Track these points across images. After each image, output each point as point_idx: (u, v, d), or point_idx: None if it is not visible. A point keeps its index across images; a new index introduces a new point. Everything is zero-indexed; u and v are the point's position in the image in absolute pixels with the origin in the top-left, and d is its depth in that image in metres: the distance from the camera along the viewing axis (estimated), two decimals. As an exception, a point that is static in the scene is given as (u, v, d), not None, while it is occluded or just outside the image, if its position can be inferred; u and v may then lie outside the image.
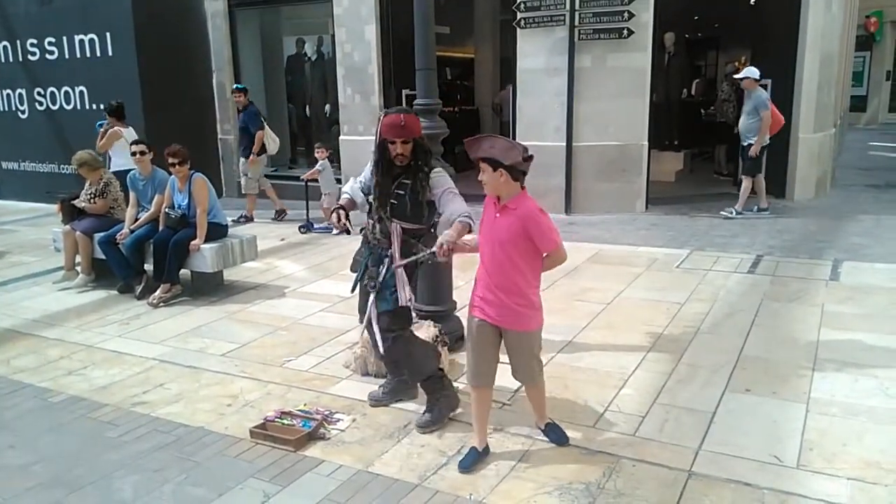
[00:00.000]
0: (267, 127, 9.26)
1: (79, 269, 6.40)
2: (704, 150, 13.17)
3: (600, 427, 3.58)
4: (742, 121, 8.61)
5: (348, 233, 3.66)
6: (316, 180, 8.74)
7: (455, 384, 3.99)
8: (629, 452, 3.30)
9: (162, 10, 10.14)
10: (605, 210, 8.98)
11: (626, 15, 8.42)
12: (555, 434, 3.39)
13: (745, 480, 3.03)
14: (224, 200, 9.15)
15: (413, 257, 3.41)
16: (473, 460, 3.22)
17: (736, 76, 8.78)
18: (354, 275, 3.71)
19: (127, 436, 3.62)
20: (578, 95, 8.83)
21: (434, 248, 3.17)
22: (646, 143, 8.99)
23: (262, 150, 9.24)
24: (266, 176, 9.75)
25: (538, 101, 9.07)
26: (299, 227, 8.58)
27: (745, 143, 8.52)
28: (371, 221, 3.58)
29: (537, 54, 8.97)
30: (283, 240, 8.25)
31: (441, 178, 3.50)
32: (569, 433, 3.43)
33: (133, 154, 6.12)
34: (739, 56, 13.63)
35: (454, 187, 3.51)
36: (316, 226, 8.60)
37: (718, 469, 3.14)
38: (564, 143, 8.93)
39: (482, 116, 14.06)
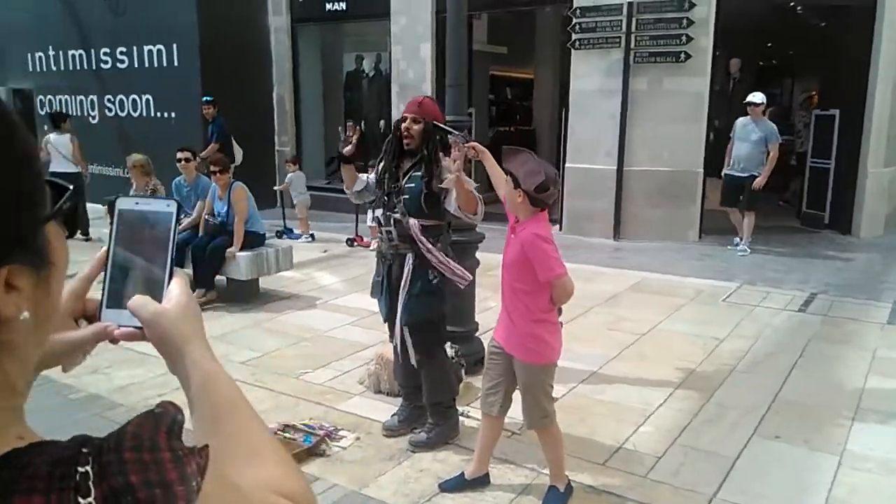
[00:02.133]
0: (233, 139, 9.42)
1: (123, 270, 6.58)
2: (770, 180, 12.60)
3: (611, 465, 3.39)
4: (744, 149, 7.90)
5: (348, 156, 3.57)
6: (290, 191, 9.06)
7: (467, 408, 3.90)
8: (636, 495, 3.12)
9: (227, 23, 10.48)
10: (655, 237, 8.69)
11: (683, 39, 8.19)
12: (550, 501, 3.03)
13: (758, 535, 2.81)
14: (278, 211, 9.34)
15: (445, 129, 3.29)
16: (455, 485, 3.11)
17: (747, 101, 7.95)
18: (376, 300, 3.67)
19: (134, 438, 3.64)
20: (632, 118, 8.62)
21: (468, 137, 3.15)
22: (701, 170, 8.69)
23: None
24: (319, 188, 9.91)
25: (591, 122, 8.90)
26: (276, 233, 8.73)
27: (747, 175, 7.87)
28: (385, 231, 3.49)
29: (591, 75, 8.82)
30: (325, 251, 8.31)
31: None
32: (575, 472, 3.25)
33: (178, 161, 6.27)
34: (815, 85, 13.07)
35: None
36: (295, 232, 8.99)
37: (730, 520, 2.92)
38: (615, 167, 8.73)
39: (538, 137, 13.92)
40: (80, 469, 0.52)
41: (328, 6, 10.91)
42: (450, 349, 4.19)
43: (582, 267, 7.53)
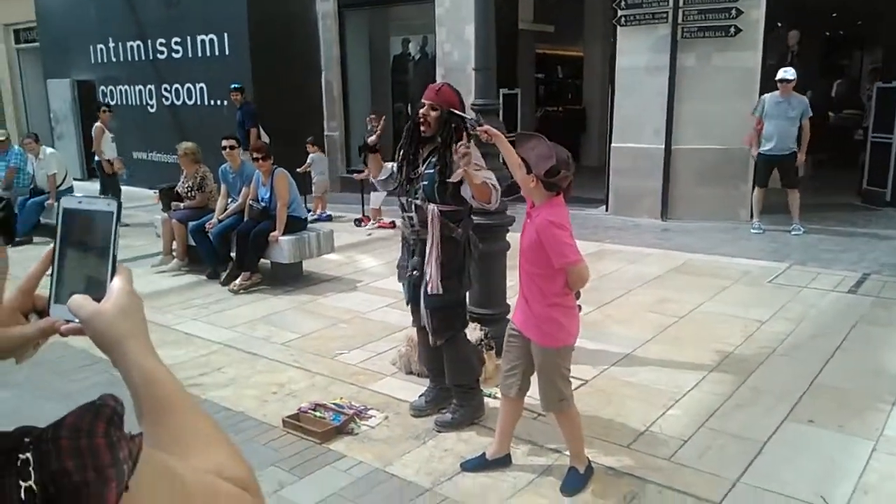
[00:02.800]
0: (259, 125, 9.52)
1: (174, 254, 6.85)
2: (834, 155, 12.08)
3: (635, 448, 3.38)
4: (781, 127, 7.52)
5: (373, 145, 3.67)
6: (310, 172, 9.33)
7: (494, 389, 3.93)
8: (658, 477, 3.11)
9: (275, 10, 10.63)
10: (704, 217, 8.50)
11: (733, 12, 7.92)
12: (569, 482, 3.04)
13: (778, 520, 2.77)
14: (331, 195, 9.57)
15: (460, 115, 3.30)
16: (476, 465, 3.16)
17: (778, 78, 7.46)
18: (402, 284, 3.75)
19: (174, 415, 3.81)
20: (680, 96, 8.42)
21: (480, 120, 3.14)
22: (753, 147, 8.42)
23: None
24: (356, 171, 10.06)
25: (637, 100, 8.73)
26: None
27: (788, 152, 7.57)
28: (407, 216, 3.56)
29: (638, 52, 8.63)
30: (369, 234, 8.44)
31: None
32: (598, 454, 3.26)
33: (223, 149, 6.47)
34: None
35: (480, 161, 3.32)
36: (315, 212, 9.24)
37: (752, 505, 2.89)
38: (663, 146, 8.55)
39: (589, 116, 13.72)
40: (22, 457, 0.56)
41: (374, -10, 10.98)
42: (479, 331, 4.24)
43: (627, 248, 7.45)
